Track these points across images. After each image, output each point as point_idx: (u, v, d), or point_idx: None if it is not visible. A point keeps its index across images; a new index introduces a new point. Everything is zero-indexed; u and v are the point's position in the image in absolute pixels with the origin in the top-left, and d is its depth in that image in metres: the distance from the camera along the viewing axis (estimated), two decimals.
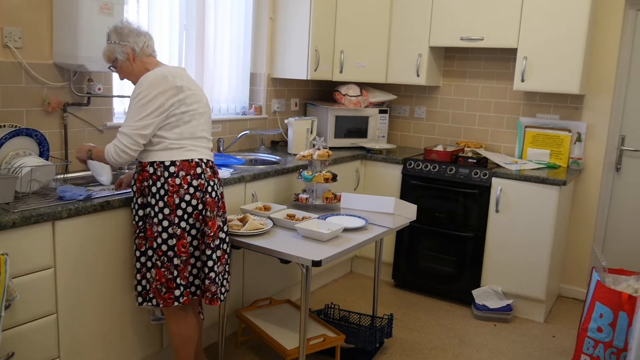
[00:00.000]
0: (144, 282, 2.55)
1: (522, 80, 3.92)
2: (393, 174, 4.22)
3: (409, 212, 3.23)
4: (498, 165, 4.00)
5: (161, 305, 2.48)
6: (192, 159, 2.46)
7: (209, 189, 2.49)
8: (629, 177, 4.06)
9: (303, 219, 3.02)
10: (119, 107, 3.28)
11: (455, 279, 4.04)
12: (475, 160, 4.00)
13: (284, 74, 4.25)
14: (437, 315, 3.88)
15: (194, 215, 2.45)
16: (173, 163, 2.42)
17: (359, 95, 4.43)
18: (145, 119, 2.35)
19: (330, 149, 4.25)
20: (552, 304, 4.10)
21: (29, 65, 2.75)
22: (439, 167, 4.02)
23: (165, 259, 2.43)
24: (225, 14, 3.93)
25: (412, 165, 4.12)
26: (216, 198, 2.53)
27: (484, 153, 4.13)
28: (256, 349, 3.30)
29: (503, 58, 4.35)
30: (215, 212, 2.51)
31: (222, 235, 2.55)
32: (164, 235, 2.42)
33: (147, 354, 2.83)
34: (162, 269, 2.43)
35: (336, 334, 3.07)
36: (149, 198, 2.45)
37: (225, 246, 2.57)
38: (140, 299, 2.57)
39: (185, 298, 2.48)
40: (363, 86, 4.60)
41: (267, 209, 3.18)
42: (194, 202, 2.44)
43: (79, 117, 3.00)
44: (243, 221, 2.86)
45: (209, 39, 3.85)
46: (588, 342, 2.83)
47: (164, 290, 2.44)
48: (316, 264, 2.50)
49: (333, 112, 4.39)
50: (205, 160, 2.51)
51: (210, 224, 2.48)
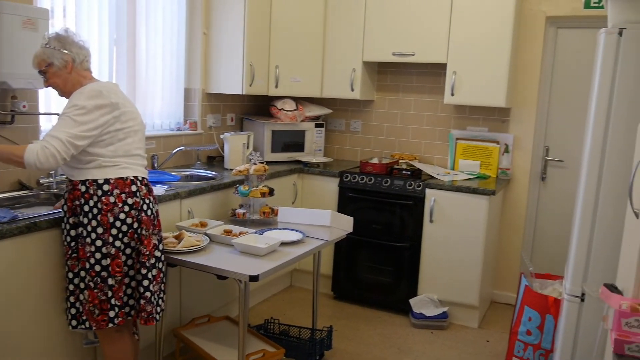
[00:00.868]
0: (77, 304, 2.47)
1: (452, 94, 4.06)
2: (330, 187, 4.27)
3: (345, 224, 3.27)
4: (431, 177, 4.11)
5: (94, 328, 2.41)
6: (126, 177, 2.41)
7: (145, 207, 2.45)
8: (554, 186, 4.27)
9: (240, 234, 3.01)
10: (46, 124, 3.17)
11: (393, 289, 4.11)
12: (409, 172, 4.10)
13: (219, 89, 4.24)
14: (376, 325, 3.94)
15: (129, 234, 2.40)
16: (107, 181, 2.37)
17: (295, 110, 4.47)
18: (82, 131, 2.28)
19: (267, 163, 4.26)
20: (485, 309, 4.23)
21: None
22: (374, 179, 4.10)
23: (99, 279, 2.37)
24: (157, 29, 3.88)
25: (348, 178, 4.18)
26: (152, 216, 2.49)
27: (418, 165, 4.24)
28: None
29: (434, 73, 4.49)
30: (150, 231, 2.47)
31: (158, 253, 2.51)
32: (97, 255, 2.36)
33: None
34: (95, 290, 2.37)
35: (276, 348, 3.07)
36: (81, 217, 2.38)
37: (160, 265, 2.53)
38: (74, 322, 2.49)
39: (120, 319, 2.42)
40: (299, 100, 4.65)
41: (203, 225, 3.15)
42: (129, 220, 2.39)
43: (3, 135, 2.88)
44: (179, 238, 2.82)
45: (140, 54, 3.79)
46: (518, 345, 2.95)
47: (97, 312, 2.38)
48: (253, 278, 2.50)
49: (269, 126, 4.41)
50: (140, 178, 2.47)
51: (145, 242, 2.44)
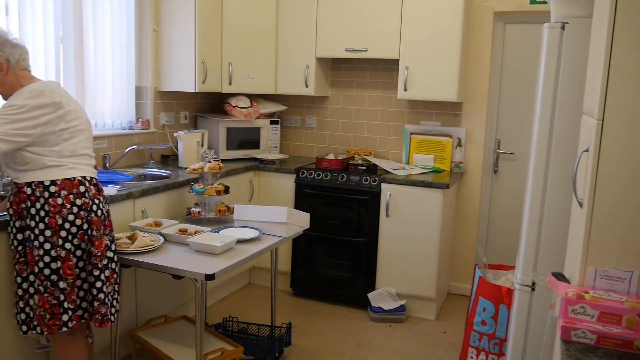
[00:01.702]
0: (27, 309, 2.40)
1: (405, 90, 4.11)
2: (287, 183, 4.26)
3: (302, 220, 3.28)
4: (387, 172, 4.15)
5: (46, 333, 2.35)
6: (74, 177, 2.35)
7: (94, 207, 2.40)
8: (505, 178, 4.37)
9: (195, 232, 2.98)
10: None
11: (351, 284, 4.14)
12: (365, 167, 4.13)
13: (172, 87, 4.17)
14: (335, 320, 3.96)
15: (78, 236, 2.35)
16: (53, 182, 2.31)
17: (249, 107, 4.44)
18: (17, 128, 2.20)
19: (223, 161, 4.22)
20: (442, 301, 4.30)
21: None
22: (330, 175, 4.11)
23: (49, 283, 2.31)
24: (106, 26, 3.79)
25: (304, 175, 4.18)
26: (102, 216, 2.44)
27: (373, 160, 4.28)
28: None
29: (387, 68, 4.53)
30: (102, 231, 2.42)
31: (110, 254, 2.47)
32: (46, 259, 2.30)
33: None
34: (45, 295, 2.31)
35: (234, 346, 3.05)
36: (27, 220, 2.31)
37: (113, 265, 2.49)
38: (24, 328, 2.43)
39: (74, 322, 2.36)
40: (253, 97, 4.62)
41: (158, 224, 3.10)
42: (78, 221, 2.34)
43: None
44: (132, 239, 2.77)
45: (88, 52, 3.70)
46: (474, 335, 3.01)
47: (47, 316, 2.32)
48: (209, 277, 2.48)
49: (224, 124, 4.37)
50: (88, 178, 2.41)
51: (97, 243, 2.39)
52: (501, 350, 2.91)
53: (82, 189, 2.36)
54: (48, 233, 2.29)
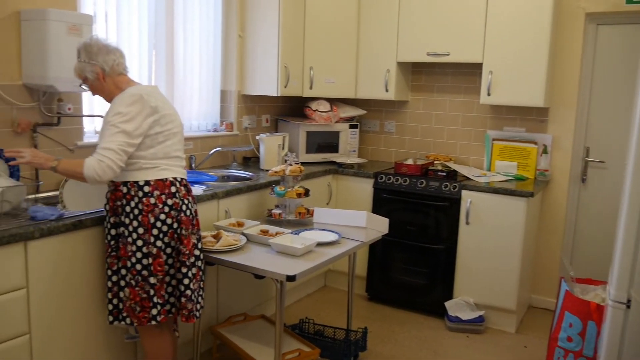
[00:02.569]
0: (115, 300, 2.52)
1: (488, 94, 4.01)
2: (365, 188, 4.26)
3: (381, 225, 3.26)
4: (467, 178, 4.07)
5: (135, 324, 2.46)
6: (166, 178, 2.45)
7: (184, 207, 2.49)
8: (594, 187, 4.18)
9: (276, 234, 3.03)
10: (89, 126, 3.25)
11: (428, 291, 4.08)
12: (445, 173, 4.07)
13: (254, 91, 4.27)
14: (410, 327, 3.91)
15: (169, 234, 2.44)
16: (147, 183, 2.41)
17: (329, 111, 4.48)
18: (130, 138, 2.33)
19: (302, 164, 4.26)
20: (523, 314, 4.17)
21: None
22: (409, 180, 4.08)
23: (140, 278, 2.41)
24: (194, 33, 3.94)
25: (383, 179, 4.17)
26: (190, 216, 2.53)
27: (453, 166, 4.20)
28: None
29: (469, 72, 4.45)
30: (190, 230, 2.51)
31: (197, 252, 2.55)
32: (138, 255, 2.41)
33: None
34: (137, 288, 2.42)
35: (311, 348, 3.08)
36: (122, 217, 2.43)
37: (200, 263, 2.57)
38: (111, 318, 2.54)
39: (162, 316, 2.46)
40: (333, 101, 4.65)
41: (240, 225, 3.18)
42: (169, 221, 2.44)
43: (49, 137, 2.97)
44: (216, 238, 2.85)
45: (178, 57, 3.86)
46: (558, 351, 2.89)
47: (138, 309, 2.43)
48: (290, 278, 2.52)
49: (304, 127, 4.43)
50: (179, 179, 2.51)
51: (185, 242, 2.48)
52: None
53: (173, 189, 2.46)
54: (141, 230, 2.40)
